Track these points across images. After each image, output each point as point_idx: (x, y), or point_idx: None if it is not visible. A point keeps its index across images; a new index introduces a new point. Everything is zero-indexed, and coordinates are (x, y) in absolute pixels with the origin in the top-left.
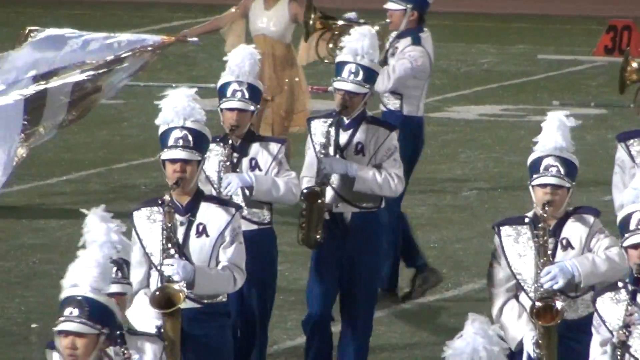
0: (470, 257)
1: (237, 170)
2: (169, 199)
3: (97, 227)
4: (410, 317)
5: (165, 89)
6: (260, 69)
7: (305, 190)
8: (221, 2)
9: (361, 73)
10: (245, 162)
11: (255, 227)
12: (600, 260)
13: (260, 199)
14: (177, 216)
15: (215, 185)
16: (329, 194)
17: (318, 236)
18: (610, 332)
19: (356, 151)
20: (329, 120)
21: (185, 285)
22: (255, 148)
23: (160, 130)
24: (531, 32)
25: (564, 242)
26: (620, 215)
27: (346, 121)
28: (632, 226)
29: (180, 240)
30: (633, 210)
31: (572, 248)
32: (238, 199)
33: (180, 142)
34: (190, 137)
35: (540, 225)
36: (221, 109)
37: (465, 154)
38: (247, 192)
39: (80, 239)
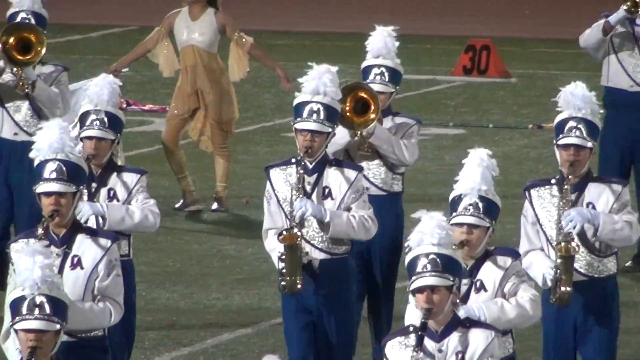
0: None
1: (95, 200)
2: (42, 232)
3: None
4: (269, 335)
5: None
6: (192, 79)
7: (284, 232)
8: (80, 22)
9: (323, 112)
10: (103, 192)
11: None
12: (510, 306)
13: (115, 228)
14: (52, 248)
15: None
16: None
17: (298, 281)
18: None
19: (324, 196)
20: (289, 167)
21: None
22: (113, 178)
23: (35, 163)
24: None
25: (478, 284)
26: (407, 258)
27: (310, 165)
28: (417, 269)
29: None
30: (418, 253)
31: (485, 290)
32: None
33: (55, 175)
34: (64, 169)
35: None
36: (81, 138)
37: None
38: (100, 221)
39: None
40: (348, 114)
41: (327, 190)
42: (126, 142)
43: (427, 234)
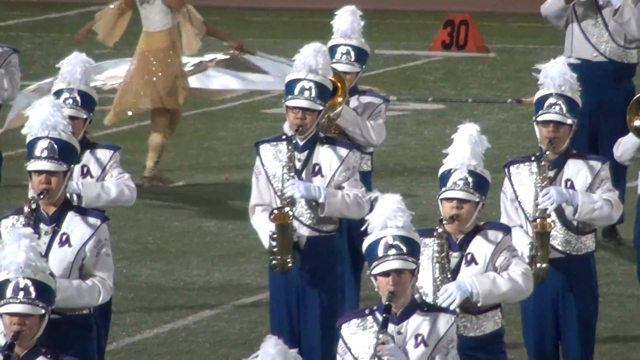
0: None
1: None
2: (29, 210)
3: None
4: (251, 311)
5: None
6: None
7: (275, 211)
8: (57, 0)
9: (315, 90)
10: (76, 169)
11: None
12: (502, 280)
13: (91, 205)
14: (42, 225)
15: None
16: None
17: (289, 260)
18: (356, 359)
19: (314, 173)
20: (280, 144)
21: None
22: (87, 155)
23: (27, 140)
24: (368, 27)
25: (469, 257)
26: (366, 242)
27: (300, 142)
28: (380, 253)
29: (44, 251)
30: (379, 236)
31: (476, 264)
32: None
33: (46, 153)
34: (56, 148)
35: (438, 241)
36: None
37: None
38: (75, 199)
39: None
40: None
41: (317, 168)
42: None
43: (389, 217)
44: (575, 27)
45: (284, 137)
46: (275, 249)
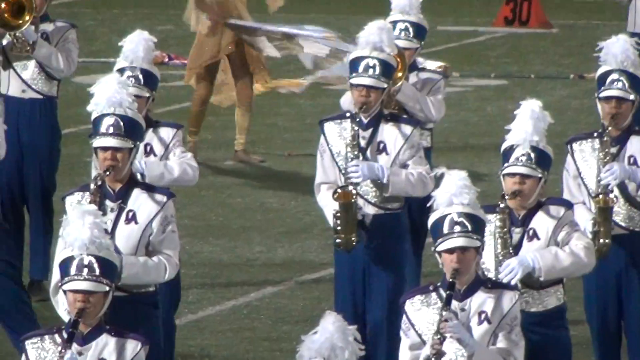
0: None
1: None
2: (95, 187)
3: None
4: (313, 288)
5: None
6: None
7: (338, 190)
8: None
9: (379, 67)
10: (140, 147)
11: None
12: (564, 254)
13: (155, 184)
14: (107, 202)
15: None
16: None
17: (354, 238)
18: (419, 336)
19: (379, 151)
20: (344, 121)
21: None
22: (150, 134)
23: (92, 117)
24: (430, 3)
25: (531, 232)
26: (432, 218)
27: (365, 120)
28: (445, 230)
29: (109, 227)
30: (445, 213)
31: (538, 239)
32: None
33: (112, 130)
34: (122, 124)
35: (500, 216)
36: None
37: None
38: (139, 178)
39: None
40: None
41: (382, 145)
42: (168, 96)
43: (455, 194)
44: (638, 2)
45: (347, 114)
46: (339, 228)
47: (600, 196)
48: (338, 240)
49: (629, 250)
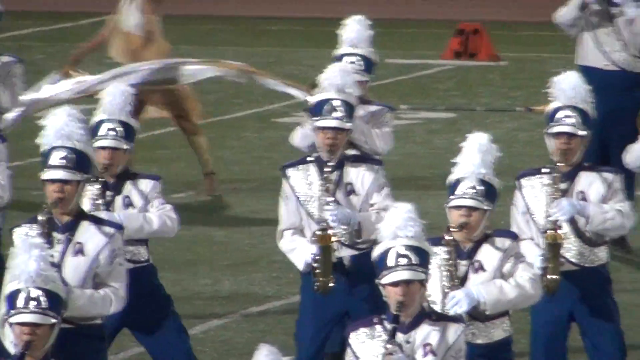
0: None
1: (111, 209)
2: (43, 219)
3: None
4: (258, 321)
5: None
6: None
7: (317, 233)
8: (70, 9)
9: (344, 109)
10: (119, 200)
11: (131, 266)
12: (509, 287)
13: (133, 237)
14: (55, 234)
15: None
16: None
17: (331, 281)
18: None
19: (347, 192)
20: (309, 166)
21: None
22: (128, 186)
23: (41, 150)
24: (380, 36)
25: (477, 264)
26: (376, 251)
27: (333, 164)
28: (390, 263)
29: (57, 260)
30: (390, 246)
31: (484, 271)
32: None
33: (60, 162)
34: (70, 157)
35: (446, 249)
36: (94, 148)
37: None
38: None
39: None
40: None
41: (349, 187)
42: None
43: (400, 227)
44: (587, 36)
45: (308, 159)
46: (317, 271)
47: (549, 232)
48: (317, 284)
49: (580, 286)
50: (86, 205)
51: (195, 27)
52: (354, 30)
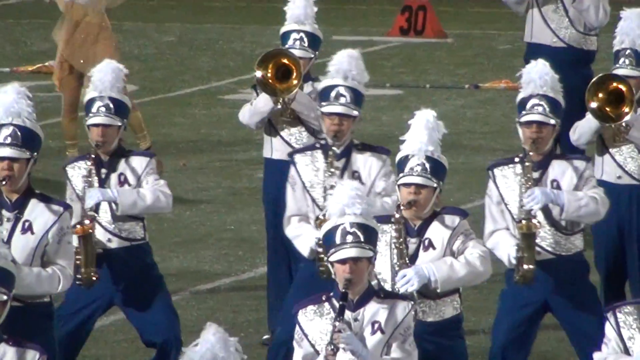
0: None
1: (106, 186)
2: None
3: None
4: (207, 298)
5: None
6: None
7: (320, 217)
8: None
9: (350, 96)
10: (113, 178)
11: (127, 243)
12: (459, 264)
13: (128, 212)
14: (4, 212)
15: (82, 201)
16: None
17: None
18: (313, 346)
19: (353, 180)
20: (315, 152)
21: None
22: (122, 164)
23: None
24: (326, 13)
25: (426, 242)
26: (324, 228)
27: (338, 150)
28: (338, 240)
29: (5, 237)
30: (337, 223)
31: (434, 248)
32: (107, 216)
33: (9, 140)
34: (19, 135)
35: (395, 227)
36: (87, 126)
37: (261, 136)
38: (113, 207)
39: None
40: (270, 80)
41: (356, 175)
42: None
43: (347, 205)
44: (535, 13)
45: (317, 145)
46: (322, 256)
47: (523, 222)
48: (322, 269)
49: (557, 274)
50: (79, 182)
51: (140, 2)
52: (299, 7)
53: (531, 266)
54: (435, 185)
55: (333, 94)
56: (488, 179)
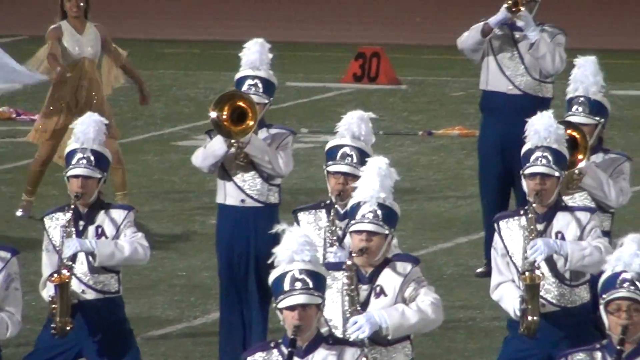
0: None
1: (83, 238)
2: None
3: None
4: (160, 344)
5: None
6: (90, 92)
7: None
8: None
9: (357, 156)
10: (91, 230)
11: (101, 296)
12: (411, 312)
13: (105, 263)
14: None
15: (60, 252)
16: None
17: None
18: None
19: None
20: (319, 211)
21: None
22: (101, 216)
23: None
24: (279, 59)
25: (378, 289)
26: (273, 275)
27: (341, 210)
28: (286, 287)
29: None
30: (286, 270)
31: (385, 295)
32: (83, 267)
33: None
34: None
35: (347, 274)
36: (67, 177)
37: (215, 182)
38: (90, 259)
39: None
40: (225, 122)
41: None
42: (15, 152)
43: (296, 251)
44: (491, 60)
45: (322, 204)
46: None
47: (527, 273)
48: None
49: (562, 326)
50: (57, 232)
51: None
52: (254, 53)
53: (535, 317)
54: (387, 232)
55: (340, 153)
56: (494, 231)
